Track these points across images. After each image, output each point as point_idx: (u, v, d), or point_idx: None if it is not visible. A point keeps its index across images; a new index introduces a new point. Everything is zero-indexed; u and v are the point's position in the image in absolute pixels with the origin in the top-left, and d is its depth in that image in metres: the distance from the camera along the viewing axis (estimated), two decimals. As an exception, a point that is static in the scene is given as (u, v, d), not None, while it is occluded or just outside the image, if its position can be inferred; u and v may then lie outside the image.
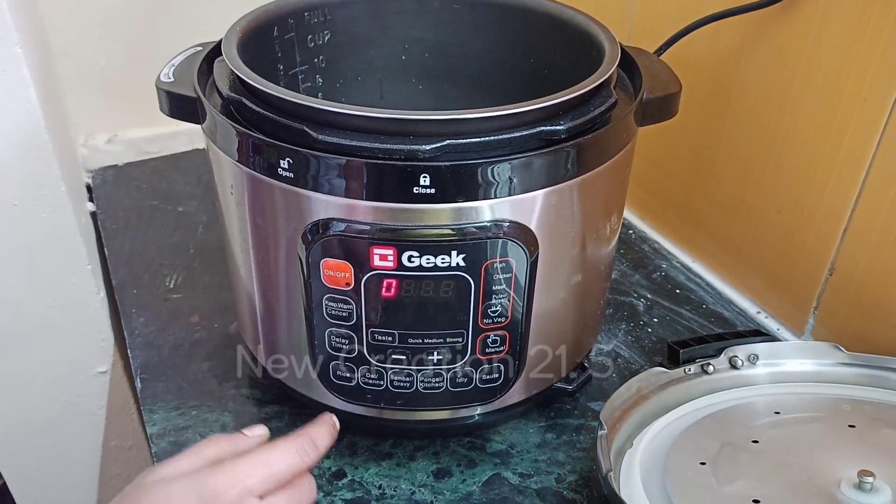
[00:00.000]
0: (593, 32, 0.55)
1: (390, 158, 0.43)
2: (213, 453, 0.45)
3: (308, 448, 0.46)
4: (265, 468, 0.44)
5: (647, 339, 0.70)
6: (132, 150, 0.96)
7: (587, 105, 0.48)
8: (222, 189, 0.52)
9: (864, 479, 0.45)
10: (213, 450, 0.45)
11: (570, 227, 0.50)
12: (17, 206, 0.74)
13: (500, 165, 0.44)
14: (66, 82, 0.90)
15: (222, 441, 0.46)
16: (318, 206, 0.46)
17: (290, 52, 0.61)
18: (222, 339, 0.70)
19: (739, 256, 0.74)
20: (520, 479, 0.57)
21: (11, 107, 0.69)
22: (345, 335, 0.50)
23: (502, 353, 0.51)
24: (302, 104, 0.45)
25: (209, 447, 0.46)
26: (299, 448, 0.45)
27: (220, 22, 0.55)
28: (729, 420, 0.55)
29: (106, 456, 0.96)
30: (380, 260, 0.46)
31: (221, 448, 0.46)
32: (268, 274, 0.52)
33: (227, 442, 0.46)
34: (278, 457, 0.45)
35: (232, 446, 0.46)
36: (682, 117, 0.57)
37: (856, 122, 0.59)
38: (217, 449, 0.46)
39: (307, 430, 0.47)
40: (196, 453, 0.45)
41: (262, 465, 0.44)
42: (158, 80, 0.52)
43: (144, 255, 0.81)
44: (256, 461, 0.44)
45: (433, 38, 0.65)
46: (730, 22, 0.65)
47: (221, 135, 0.49)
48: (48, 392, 0.87)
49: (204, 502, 0.41)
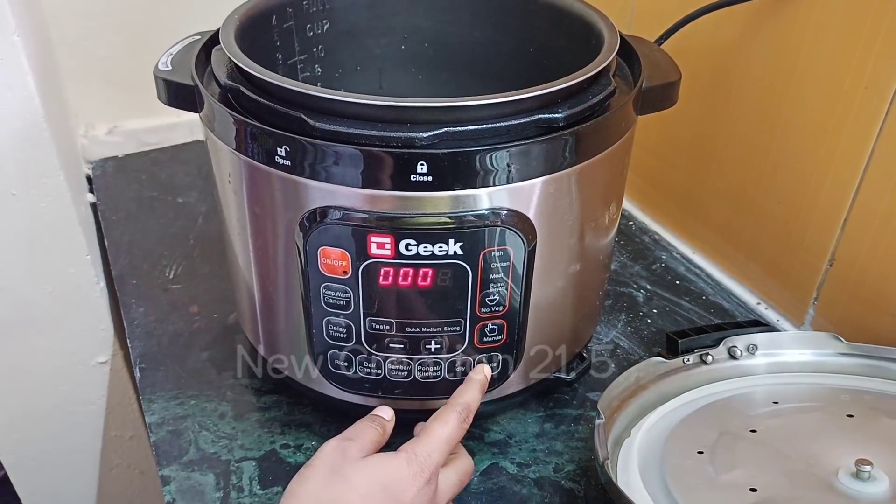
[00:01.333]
0: (593, 21, 0.55)
1: (387, 146, 0.43)
2: (378, 427, 0.48)
3: (466, 415, 0.48)
4: (443, 443, 0.46)
5: (646, 329, 0.70)
6: (132, 141, 0.96)
7: (586, 93, 0.48)
8: (220, 178, 0.52)
9: (862, 468, 0.45)
10: (377, 425, 0.48)
11: (569, 216, 0.50)
12: (15, 195, 0.74)
13: (497, 153, 0.44)
14: (66, 73, 0.90)
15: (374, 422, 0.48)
16: (315, 194, 0.45)
17: (289, 41, 0.61)
18: (221, 329, 0.70)
19: (739, 247, 0.74)
20: (518, 469, 0.57)
21: (9, 95, 0.69)
22: (342, 324, 0.50)
23: (500, 342, 0.51)
24: (299, 92, 0.44)
25: (373, 422, 0.48)
26: (459, 417, 0.48)
27: (220, 11, 0.54)
28: (727, 410, 0.54)
29: (106, 446, 0.96)
30: (377, 248, 0.46)
31: (380, 424, 0.48)
32: (266, 262, 0.52)
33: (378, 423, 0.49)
34: (444, 431, 0.47)
35: (381, 427, 0.49)
36: (683, 107, 0.57)
37: (856, 111, 0.59)
38: (378, 424, 0.48)
39: (457, 396, 0.49)
40: (368, 428, 0.47)
41: (441, 441, 0.46)
42: (156, 68, 0.52)
43: (144, 245, 0.81)
44: (433, 439, 0.46)
45: (432, 28, 0.65)
46: (731, 11, 0.65)
47: (219, 123, 0.49)
48: (48, 382, 0.88)
49: (416, 480, 0.44)
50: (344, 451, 0.45)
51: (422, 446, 0.46)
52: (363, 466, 0.44)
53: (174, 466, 0.57)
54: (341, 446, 0.45)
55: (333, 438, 0.46)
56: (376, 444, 0.47)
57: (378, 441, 0.47)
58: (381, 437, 0.48)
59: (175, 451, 0.58)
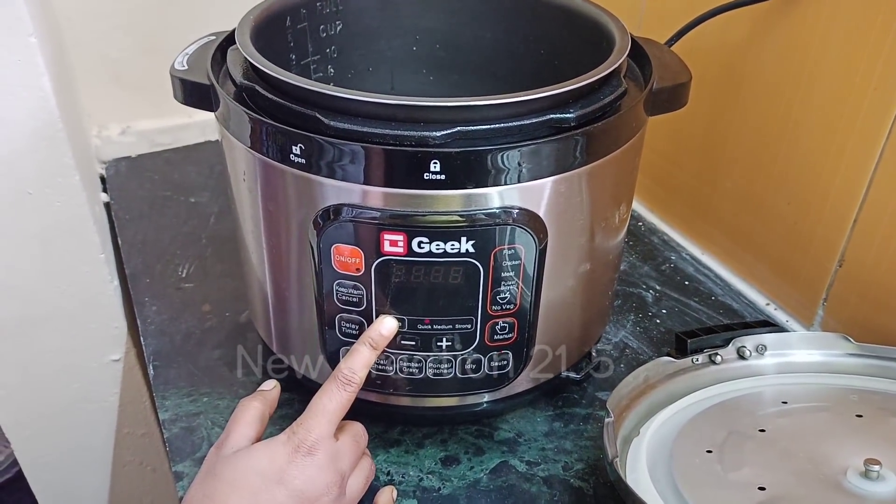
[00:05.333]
0: (604, 22, 0.55)
1: (401, 145, 0.43)
2: (255, 412, 0.49)
3: (346, 379, 0.48)
4: (323, 414, 0.47)
5: (655, 330, 0.71)
6: (145, 141, 0.97)
7: (597, 93, 0.48)
8: (235, 176, 0.53)
9: (871, 468, 0.45)
10: (253, 410, 0.49)
11: (579, 216, 0.50)
12: (31, 194, 0.75)
13: (509, 152, 0.44)
14: (80, 74, 0.91)
15: (254, 400, 0.50)
16: (329, 191, 0.46)
17: (303, 42, 0.61)
18: (233, 328, 0.70)
19: (749, 248, 0.74)
20: (527, 467, 0.57)
21: (25, 95, 0.70)
22: (355, 321, 0.50)
23: (511, 340, 0.52)
24: (314, 91, 0.45)
25: (249, 409, 0.49)
26: (338, 384, 0.48)
27: (233, 13, 0.55)
28: (736, 409, 0.55)
29: (119, 443, 0.97)
30: (390, 246, 0.46)
31: (257, 405, 0.50)
32: (279, 260, 0.53)
33: (258, 399, 0.50)
34: (325, 401, 0.48)
35: (264, 401, 0.50)
36: (692, 108, 0.57)
37: (866, 111, 0.59)
38: (255, 407, 0.49)
39: (340, 364, 0.49)
40: (242, 420, 0.49)
41: (320, 413, 0.47)
42: (173, 67, 0.52)
43: (157, 244, 0.82)
44: (315, 412, 0.47)
45: (444, 29, 0.66)
46: (740, 12, 0.65)
47: (234, 122, 0.49)
48: (62, 379, 0.88)
49: (291, 454, 0.46)
50: (216, 452, 0.47)
51: (302, 421, 0.47)
52: (233, 459, 0.46)
53: (187, 462, 0.57)
54: (213, 450, 0.48)
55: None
56: (257, 420, 0.49)
57: (256, 416, 0.49)
58: (259, 411, 0.49)
59: (188, 447, 0.58)
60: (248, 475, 0.45)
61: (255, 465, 0.45)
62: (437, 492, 0.55)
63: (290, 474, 0.45)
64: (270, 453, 0.46)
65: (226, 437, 0.48)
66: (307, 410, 0.48)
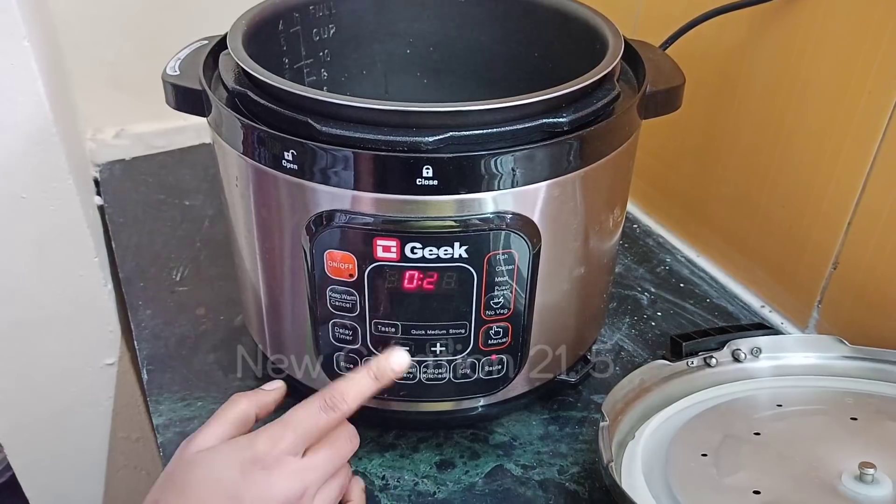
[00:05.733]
0: (597, 26, 0.55)
1: (393, 150, 0.43)
2: (240, 413, 0.47)
3: (332, 403, 0.45)
4: (293, 430, 0.44)
5: (650, 332, 0.71)
6: (140, 144, 0.97)
7: (590, 97, 0.48)
8: (227, 181, 0.52)
9: (866, 471, 0.45)
10: (238, 409, 0.47)
11: (573, 220, 0.50)
12: (25, 198, 0.75)
13: (502, 157, 0.44)
14: (75, 76, 0.91)
15: (244, 399, 0.48)
16: (321, 197, 0.46)
17: (296, 45, 0.61)
18: (228, 332, 0.70)
19: (744, 250, 0.74)
20: (522, 471, 0.57)
21: (20, 100, 0.70)
22: (348, 326, 0.50)
23: (505, 344, 0.52)
24: (306, 96, 0.45)
25: (234, 407, 0.47)
26: (322, 405, 0.45)
27: (227, 16, 0.55)
28: (731, 412, 0.55)
29: (113, 447, 0.97)
30: (383, 251, 0.46)
31: (243, 406, 0.47)
32: (272, 265, 0.52)
33: (249, 399, 0.48)
34: (302, 417, 0.45)
35: (254, 403, 0.48)
36: (687, 111, 0.57)
37: (860, 115, 0.59)
38: (241, 408, 0.47)
39: (335, 384, 0.47)
40: (223, 417, 0.47)
41: (291, 428, 0.44)
42: (164, 73, 0.52)
43: (151, 248, 0.82)
44: (285, 425, 0.44)
45: (437, 33, 0.66)
46: (735, 16, 0.65)
47: (226, 127, 0.49)
48: (56, 383, 0.88)
49: (246, 466, 0.43)
50: (184, 448, 0.45)
51: (269, 430, 0.44)
52: (192, 462, 0.44)
53: (181, 467, 0.57)
54: (183, 444, 0.45)
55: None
56: (238, 420, 0.46)
57: (238, 416, 0.47)
58: (244, 412, 0.47)
59: (182, 452, 0.58)
60: (199, 486, 0.43)
61: (209, 474, 0.43)
62: (433, 496, 0.55)
63: (242, 487, 0.42)
64: (228, 461, 0.43)
65: (198, 432, 0.45)
66: (281, 418, 0.45)
